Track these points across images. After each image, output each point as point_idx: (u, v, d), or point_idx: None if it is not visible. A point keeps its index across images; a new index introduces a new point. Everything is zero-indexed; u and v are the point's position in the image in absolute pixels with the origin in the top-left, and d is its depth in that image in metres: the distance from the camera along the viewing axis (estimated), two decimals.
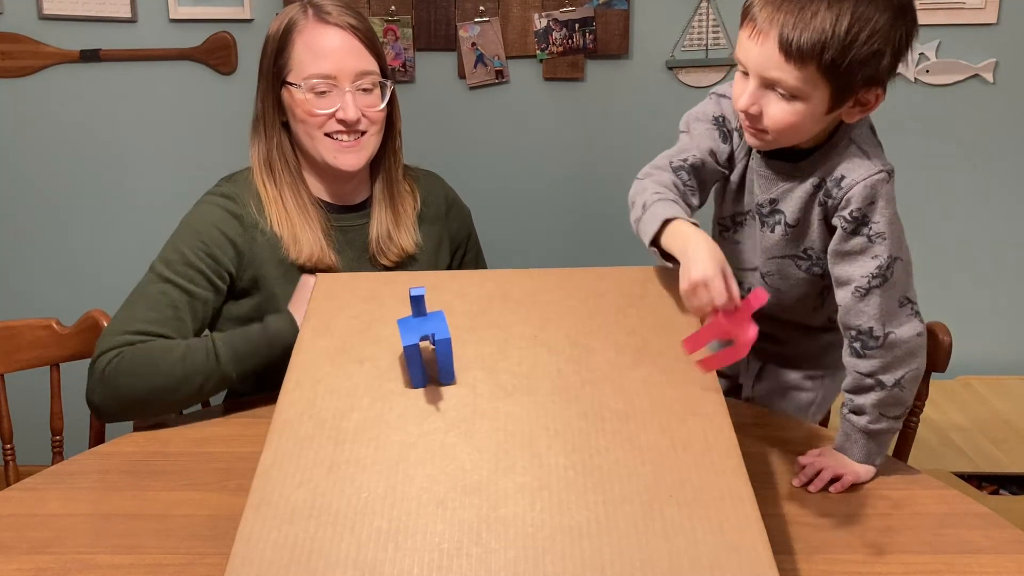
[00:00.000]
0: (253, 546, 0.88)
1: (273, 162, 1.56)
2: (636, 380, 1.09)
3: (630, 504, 0.92)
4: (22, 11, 2.39)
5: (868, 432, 1.28)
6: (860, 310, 1.27)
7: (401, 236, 1.62)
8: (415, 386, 1.09)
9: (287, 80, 1.52)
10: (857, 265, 1.27)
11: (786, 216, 1.37)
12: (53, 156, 2.48)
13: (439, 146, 2.46)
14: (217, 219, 1.52)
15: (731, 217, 1.47)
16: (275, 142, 1.56)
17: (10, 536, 1.16)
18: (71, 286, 2.55)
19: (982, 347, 2.53)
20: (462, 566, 0.86)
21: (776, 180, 1.36)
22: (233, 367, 1.44)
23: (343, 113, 1.50)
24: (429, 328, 1.09)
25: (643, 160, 1.45)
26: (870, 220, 1.26)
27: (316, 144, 1.53)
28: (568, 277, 1.31)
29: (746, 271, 1.47)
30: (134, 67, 2.42)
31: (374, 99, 1.54)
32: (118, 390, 1.40)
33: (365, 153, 1.55)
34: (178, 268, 1.48)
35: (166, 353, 1.41)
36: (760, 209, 1.39)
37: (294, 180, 1.57)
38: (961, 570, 1.08)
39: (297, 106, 1.51)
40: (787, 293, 1.44)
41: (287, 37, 1.51)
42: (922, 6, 2.33)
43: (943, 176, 2.44)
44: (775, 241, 1.40)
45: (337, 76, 1.49)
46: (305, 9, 1.52)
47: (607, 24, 2.36)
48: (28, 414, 2.08)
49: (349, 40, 1.51)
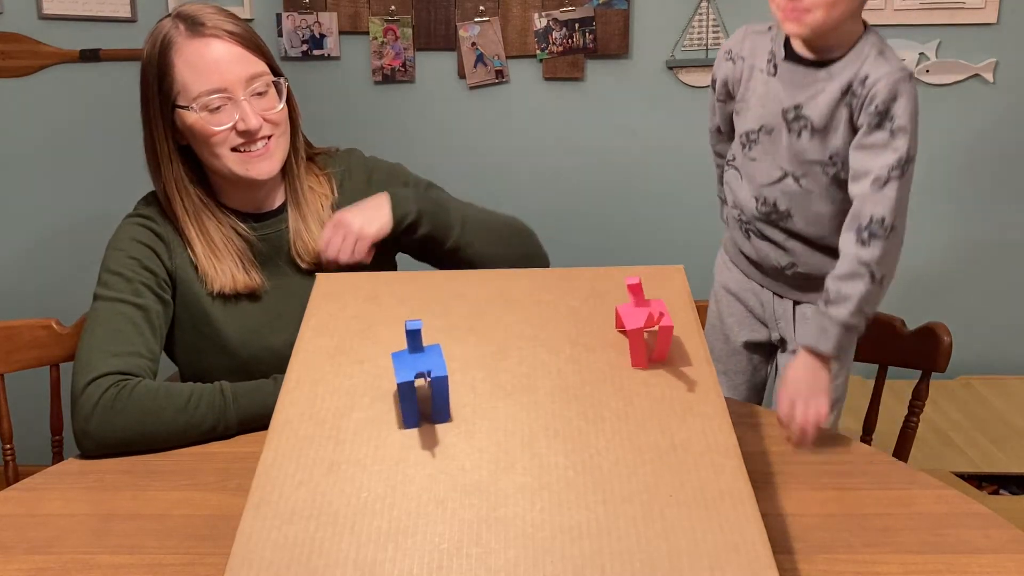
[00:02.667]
0: (253, 546, 0.88)
1: (175, 194, 1.49)
2: (636, 380, 1.09)
3: (630, 504, 0.92)
4: (22, 11, 2.39)
5: (845, 325, 1.35)
6: (878, 199, 1.35)
7: (312, 236, 1.54)
8: (407, 426, 1.03)
9: (177, 104, 1.44)
10: (878, 157, 1.36)
11: (812, 120, 1.44)
12: (53, 156, 2.48)
13: (439, 146, 2.46)
14: (141, 236, 1.49)
15: (747, 134, 1.54)
16: (173, 171, 1.49)
17: (10, 536, 1.16)
18: (71, 286, 2.55)
19: (982, 347, 2.54)
20: (462, 566, 0.86)
21: (801, 86, 1.45)
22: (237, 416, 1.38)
23: (244, 124, 1.43)
24: (425, 364, 1.02)
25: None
26: (893, 114, 1.36)
27: (224, 161, 1.46)
28: (568, 277, 1.31)
29: (765, 187, 1.53)
30: (134, 67, 2.41)
31: (271, 101, 1.47)
32: (116, 426, 1.33)
33: (276, 158, 1.49)
34: (120, 287, 1.44)
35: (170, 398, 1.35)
36: (786, 115, 1.47)
37: (197, 209, 1.50)
38: (961, 570, 1.08)
39: (193, 127, 1.44)
40: (816, 204, 1.50)
41: (165, 59, 1.44)
42: (922, 6, 2.33)
43: (943, 176, 2.44)
44: (803, 147, 1.46)
45: (228, 87, 1.42)
46: (176, 23, 1.44)
47: (607, 24, 2.36)
48: (28, 414, 2.08)
49: (229, 48, 1.43)
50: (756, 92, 1.52)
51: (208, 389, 1.38)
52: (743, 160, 1.57)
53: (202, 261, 1.49)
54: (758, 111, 1.52)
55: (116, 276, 1.45)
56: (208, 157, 1.47)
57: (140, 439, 1.34)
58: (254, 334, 1.52)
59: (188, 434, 1.35)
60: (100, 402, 1.33)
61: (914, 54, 2.35)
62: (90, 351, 1.38)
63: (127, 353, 1.39)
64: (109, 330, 1.41)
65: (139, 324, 1.43)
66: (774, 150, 1.51)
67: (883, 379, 1.71)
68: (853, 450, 1.35)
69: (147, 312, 1.44)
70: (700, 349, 1.15)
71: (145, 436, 1.34)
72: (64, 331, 1.66)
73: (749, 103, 1.54)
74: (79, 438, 1.34)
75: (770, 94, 1.49)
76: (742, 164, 1.58)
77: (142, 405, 1.33)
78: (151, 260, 1.48)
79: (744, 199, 1.59)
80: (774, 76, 1.49)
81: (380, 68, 2.41)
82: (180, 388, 1.37)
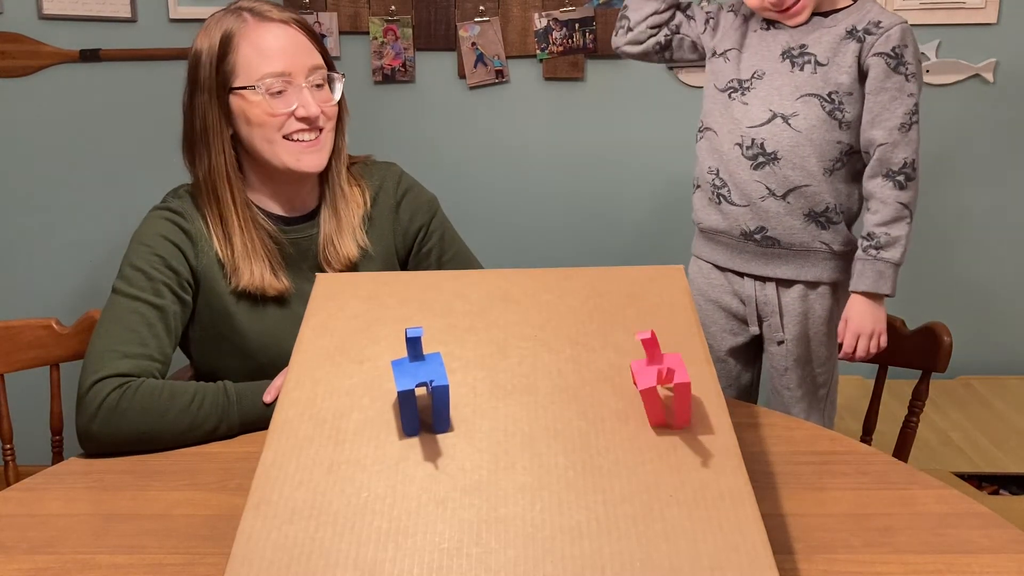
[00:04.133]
0: (253, 546, 0.88)
1: (220, 180, 1.48)
2: None
3: (630, 504, 0.92)
4: (22, 11, 2.39)
5: (898, 264, 1.51)
6: (904, 144, 1.50)
7: (344, 243, 1.54)
8: (408, 434, 1.02)
9: (235, 87, 1.45)
10: (898, 104, 1.51)
11: (817, 56, 1.55)
12: (53, 156, 2.48)
13: (439, 146, 2.46)
14: (167, 231, 1.47)
15: (738, 81, 1.63)
16: (225, 159, 1.48)
17: (10, 536, 1.16)
18: (71, 286, 2.55)
19: (982, 347, 2.54)
20: (462, 566, 0.86)
21: (804, 31, 1.57)
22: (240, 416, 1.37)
23: (304, 110, 1.45)
24: (426, 373, 1.01)
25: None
26: (906, 60, 1.51)
27: (275, 149, 1.46)
28: (568, 277, 1.31)
29: (757, 127, 1.60)
30: (134, 67, 2.42)
31: (327, 94, 1.50)
32: (119, 427, 1.32)
33: (325, 151, 1.50)
34: (142, 284, 1.42)
35: (173, 398, 1.34)
36: (791, 51, 1.56)
37: (236, 202, 1.49)
38: (961, 570, 1.08)
39: (252, 109, 1.45)
40: (809, 141, 1.58)
41: (228, 44, 1.44)
42: (922, 6, 2.33)
43: (943, 176, 2.44)
44: (804, 79, 1.56)
45: (291, 72, 1.45)
46: (238, 14, 1.47)
47: (607, 24, 2.36)
48: (28, 414, 2.08)
49: (296, 35, 1.47)
50: (751, 45, 1.62)
51: (211, 389, 1.37)
52: (723, 110, 1.64)
53: (236, 252, 1.48)
54: (752, 60, 1.62)
55: (138, 272, 1.43)
56: (260, 143, 1.47)
57: (142, 440, 1.33)
58: (273, 338, 1.51)
59: (191, 434, 1.35)
60: (104, 403, 1.32)
61: None
62: (101, 350, 1.37)
63: (138, 355, 1.38)
64: (123, 329, 1.39)
65: (154, 325, 1.41)
66: (766, 92, 1.59)
67: (883, 379, 1.71)
68: (853, 450, 1.35)
69: (164, 313, 1.43)
70: (700, 349, 1.15)
71: (147, 436, 1.33)
72: (64, 331, 1.66)
73: (741, 54, 1.63)
74: (81, 438, 1.34)
75: (766, 42, 1.60)
76: (723, 114, 1.64)
77: (145, 405, 1.33)
78: (176, 258, 1.46)
79: (725, 151, 1.64)
80: (770, 29, 1.60)
81: (380, 68, 2.41)
82: (183, 388, 1.36)
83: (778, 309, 1.67)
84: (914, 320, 1.68)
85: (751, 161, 1.59)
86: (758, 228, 1.62)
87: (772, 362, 1.74)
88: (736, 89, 1.61)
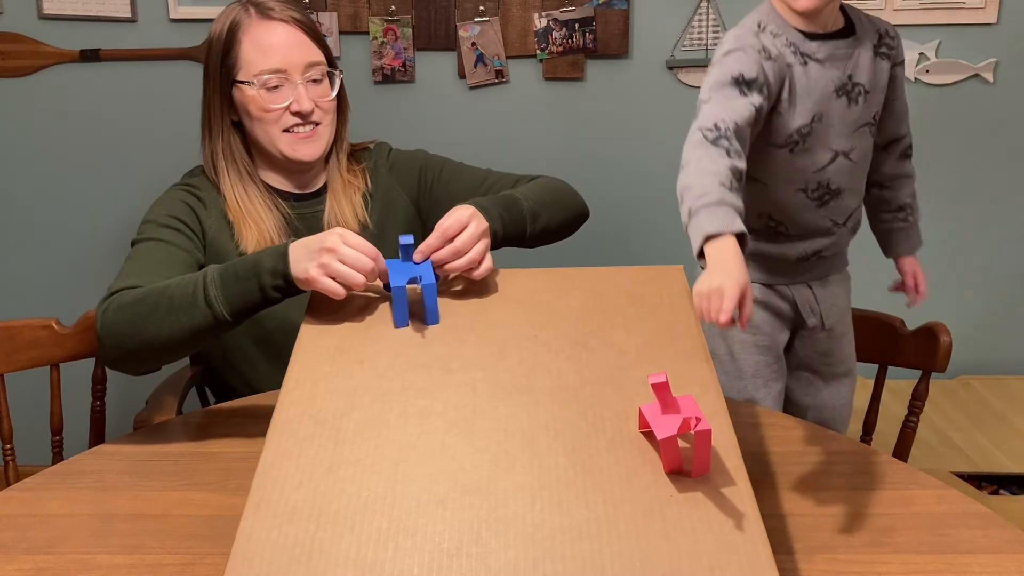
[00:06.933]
0: (253, 546, 0.88)
1: (220, 162, 1.59)
2: (636, 380, 1.09)
3: (630, 504, 0.92)
4: (22, 11, 2.38)
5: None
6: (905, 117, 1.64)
7: (347, 221, 1.63)
8: (398, 325, 1.19)
9: (237, 79, 1.55)
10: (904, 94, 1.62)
11: (864, 85, 1.53)
12: (53, 156, 2.48)
13: (439, 146, 2.44)
14: (181, 196, 1.58)
15: (798, 131, 1.51)
16: (222, 143, 1.59)
17: (10, 536, 1.16)
18: (71, 286, 2.54)
19: (982, 347, 2.53)
20: (462, 566, 0.86)
21: (841, 59, 1.51)
22: (221, 278, 1.33)
23: (297, 105, 1.54)
24: (417, 272, 1.19)
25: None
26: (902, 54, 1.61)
27: (273, 139, 1.56)
28: (568, 277, 1.31)
29: (821, 170, 1.55)
30: (134, 67, 2.42)
31: (324, 89, 1.58)
32: (114, 324, 1.33)
33: (322, 143, 1.59)
34: (156, 230, 1.51)
35: (155, 287, 1.35)
36: (845, 87, 1.52)
37: (242, 178, 1.59)
38: (961, 570, 1.08)
39: (250, 103, 1.55)
40: (858, 175, 1.61)
41: (232, 37, 1.54)
42: (922, 6, 2.33)
43: (942, 176, 2.44)
44: (859, 112, 1.54)
45: (287, 69, 1.53)
46: (246, 7, 1.56)
47: (607, 24, 2.36)
48: (28, 414, 2.08)
49: (294, 33, 1.55)
50: (799, 87, 1.49)
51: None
52: (780, 163, 1.53)
53: (243, 217, 1.57)
54: (807, 104, 1.49)
55: (151, 224, 1.52)
56: (260, 134, 1.57)
57: (138, 332, 1.31)
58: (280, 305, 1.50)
59: (181, 311, 1.30)
60: (108, 306, 1.35)
61: (914, 54, 2.35)
62: (116, 281, 1.42)
63: (149, 276, 1.40)
64: (138, 264, 1.45)
65: (167, 259, 1.47)
66: (826, 134, 1.52)
67: (883, 379, 1.71)
68: (853, 450, 1.35)
69: (178, 249, 1.50)
70: (700, 349, 1.15)
71: (141, 325, 1.31)
72: (64, 331, 1.66)
73: (795, 101, 1.50)
74: (100, 350, 1.38)
75: (812, 81, 1.49)
76: (780, 167, 1.54)
77: (136, 296, 1.34)
78: (188, 216, 1.55)
79: (784, 198, 1.56)
80: (807, 64, 1.49)
81: (380, 68, 2.41)
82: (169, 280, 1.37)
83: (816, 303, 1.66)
84: (914, 320, 1.68)
85: (816, 201, 1.57)
86: (814, 252, 1.61)
87: (815, 348, 1.71)
88: (797, 142, 1.52)
